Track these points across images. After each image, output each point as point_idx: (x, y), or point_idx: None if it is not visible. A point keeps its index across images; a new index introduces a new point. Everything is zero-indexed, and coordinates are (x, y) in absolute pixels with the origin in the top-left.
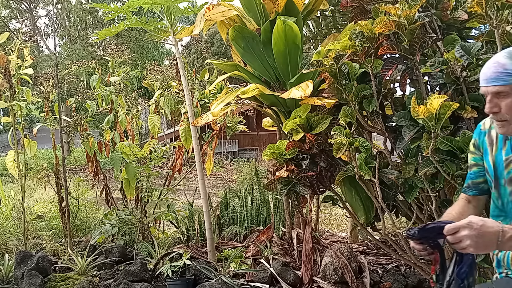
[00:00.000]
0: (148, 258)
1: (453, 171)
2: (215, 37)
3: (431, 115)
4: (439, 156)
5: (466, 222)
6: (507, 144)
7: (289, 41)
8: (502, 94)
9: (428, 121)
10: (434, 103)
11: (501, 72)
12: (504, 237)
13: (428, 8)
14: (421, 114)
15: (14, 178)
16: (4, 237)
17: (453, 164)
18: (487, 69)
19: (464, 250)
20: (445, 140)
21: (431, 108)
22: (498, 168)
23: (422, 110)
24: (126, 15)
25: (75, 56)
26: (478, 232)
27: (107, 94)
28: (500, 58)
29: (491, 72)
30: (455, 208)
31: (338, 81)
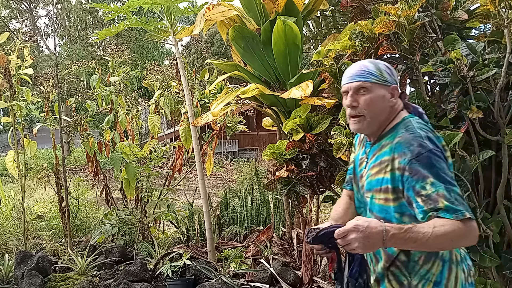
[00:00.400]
0: (148, 258)
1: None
2: (215, 37)
3: None
4: None
5: (353, 226)
6: (364, 147)
7: (289, 41)
8: (363, 90)
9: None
10: None
11: (364, 71)
12: (387, 236)
13: (428, 8)
14: None
15: (14, 178)
16: (4, 237)
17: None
18: (352, 69)
19: (353, 251)
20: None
21: None
22: (356, 166)
23: None
24: (126, 15)
25: (75, 56)
26: (364, 234)
27: (107, 94)
28: (364, 62)
29: (355, 70)
30: (340, 205)
31: (338, 81)
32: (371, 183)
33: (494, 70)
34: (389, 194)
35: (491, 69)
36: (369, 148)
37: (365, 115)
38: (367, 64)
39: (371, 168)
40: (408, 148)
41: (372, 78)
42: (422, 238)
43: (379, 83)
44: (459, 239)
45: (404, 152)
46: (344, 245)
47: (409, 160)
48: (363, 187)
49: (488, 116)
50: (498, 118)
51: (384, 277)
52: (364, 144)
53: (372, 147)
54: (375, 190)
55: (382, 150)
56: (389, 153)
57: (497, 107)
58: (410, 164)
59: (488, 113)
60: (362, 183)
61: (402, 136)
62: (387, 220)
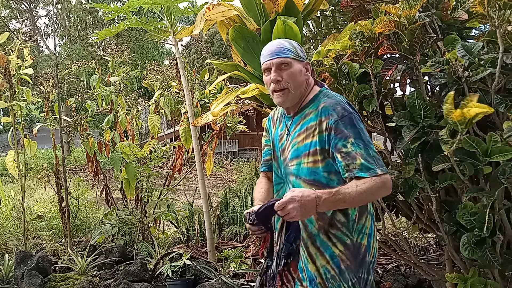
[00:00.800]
0: (148, 258)
1: (471, 172)
2: (215, 37)
3: (464, 119)
4: (459, 157)
5: (289, 197)
6: (282, 122)
7: None
8: (284, 66)
9: (458, 125)
10: (471, 111)
11: (283, 48)
12: (320, 201)
13: (429, 8)
14: (454, 117)
15: (14, 178)
16: (4, 237)
17: (471, 166)
18: (271, 46)
19: (292, 219)
20: (470, 140)
21: (466, 114)
22: (275, 143)
23: (457, 114)
24: (126, 15)
25: (75, 56)
26: (300, 202)
27: (107, 94)
28: (280, 40)
29: (275, 48)
30: (262, 186)
31: (338, 81)
32: (298, 149)
33: (489, 70)
34: (317, 156)
35: (486, 69)
36: (289, 121)
37: (288, 88)
38: (283, 42)
39: (297, 136)
40: (333, 110)
41: (290, 54)
42: (349, 197)
43: (296, 59)
44: (378, 191)
45: (331, 114)
46: (283, 215)
47: (335, 120)
48: (286, 159)
49: (487, 117)
50: (496, 118)
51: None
52: (281, 120)
53: (293, 119)
54: (303, 155)
55: (307, 118)
56: (315, 119)
57: (494, 107)
58: (336, 124)
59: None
60: (285, 156)
61: (326, 101)
62: (316, 181)
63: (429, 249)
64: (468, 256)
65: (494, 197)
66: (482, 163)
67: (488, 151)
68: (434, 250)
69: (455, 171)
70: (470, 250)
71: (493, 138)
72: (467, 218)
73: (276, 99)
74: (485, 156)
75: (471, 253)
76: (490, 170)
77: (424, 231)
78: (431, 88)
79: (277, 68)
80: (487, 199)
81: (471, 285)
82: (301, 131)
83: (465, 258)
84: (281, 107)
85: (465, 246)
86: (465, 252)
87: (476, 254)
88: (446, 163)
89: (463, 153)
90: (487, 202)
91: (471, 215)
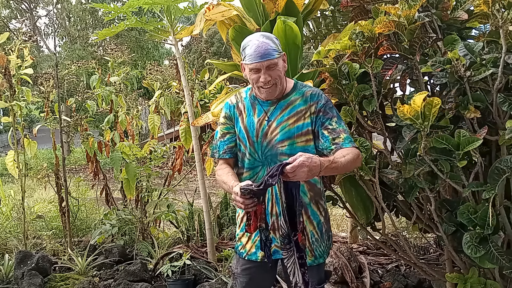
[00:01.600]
0: (148, 258)
1: (447, 169)
2: (215, 37)
3: (417, 113)
4: (433, 155)
5: (301, 161)
6: (256, 109)
7: (289, 41)
8: (272, 66)
9: (415, 120)
10: (417, 100)
11: (270, 49)
12: (322, 168)
13: (428, 8)
14: (407, 114)
15: (14, 178)
16: (4, 237)
17: (447, 162)
18: (260, 48)
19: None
20: (440, 138)
21: (415, 106)
22: (250, 129)
23: (406, 109)
24: (126, 15)
25: (75, 56)
26: (309, 167)
27: (107, 94)
28: (265, 40)
29: (264, 50)
30: (228, 171)
31: (338, 81)
32: (290, 131)
33: (491, 70)
34: (310, 135)
35: (488, 69)
36: (267, 107)
37: (276, 83)
38: (268, 42)
39: (286, 120)
40: (321, 96)
41: (276, 54)
42: (341, 165)
43: (279, 56)
44: (357, 161)
45: (319, 99)
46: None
47: (323, 104)
48: (271, 142)
49: (487, 116)
50: (496, 118)
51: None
52: (255, 107)
53: (275, 105)
54: (296, 136)
55: (294, 103)
56: (305, 104)
57: (495, 107)
58: (324, 107)
59: (487, 113)
60: (270, 138)
61: (310, 90)
62: None
63: (429, 249)
64: (471, 255)
65: (495, 191)
66: (457, 158)
67: (459, 145)
68: (434, 250)
69: (454, 170)
70: (474, 249)
71: (462, 134)
72: (467, 216)
73: (264, 94)
74: (456, 150)
75: (474, 252)
76: (465, 163)
77: (424, 231)
78: (431, 88)
79: (267, 69)
80: (488, 193)
81: (471, 285)
82: (290, 115)
83: (468, 257)
84: (268, 99)
85: (468, 244)
86: (468, 251)
87: (479, 252)
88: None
89: (436, 151)
90: (489, 195)
91: (472, 213)
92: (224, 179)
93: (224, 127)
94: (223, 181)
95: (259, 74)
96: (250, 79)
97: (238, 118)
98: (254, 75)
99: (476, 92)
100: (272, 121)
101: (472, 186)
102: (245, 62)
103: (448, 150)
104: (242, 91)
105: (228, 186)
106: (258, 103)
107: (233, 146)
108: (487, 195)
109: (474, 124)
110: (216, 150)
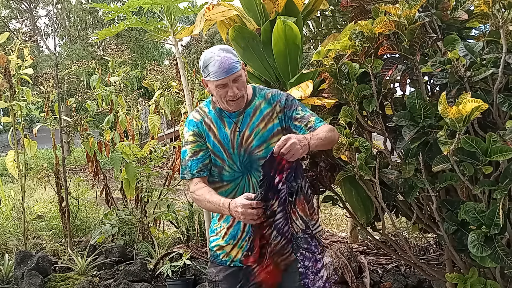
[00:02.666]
0: (148, 258)
1: (470, 172)
2: (215, 37)
3: (461, 117)
4: (459, 157)
5: (284, 138)
6: (225, 122)
7: (289, 41)
8: (237, 78)
9: (456, 122)
10: (467, 106)
11: (233, 62)
12: (309, 139)
13: (428, 8)
14: (451, 115)
15: (14, 178)
16: (4, 237)
17: (471, 165)
18: (223, 64)
19: (293, 156)
20: (470, 140)
21: (462, 111)
22: (224, 142)
23: (453, 111)
24: (126, 15)
25: (75, 56)
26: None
27: (107, 94)
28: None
29: (227, 64)
30: (210, 191)
31: (338, 81)
32: (263, 135)
33: (491, 70)
34: (281, 135)
35: (488, 69)
36: (236, 118)
37: (243, 95)
38: (229, 55)
39: (257, 125)
40: (280, 94)
41: (238, 66)
42: (324, 138)
43: (241, 67)
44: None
45: (280, 98)
46: (288, 156)
47: (285, 100)
48: (247, 149)
49: (487, 117)
50: (497, 118)
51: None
52: (223, 120)
53: (243, 114)
54: (269, 138)
55: (259, 108)
56: (269, 106)
57: (495, 107)
58: (286, 102)
59: (488, 113)
60: (246, 146)
61: (270, 92)
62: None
63: (429, 249)
64: (477, 254)
65: (507, 191)
66: (482, 163)
67: (488, 150)
68: (434, 250)
69: (455, 171)
70: (479, 248)
71: (492, 138)
72: (473, 215)
73: (233, 107)
74: (485, 156)
75: (480, 251)
76: (490, 170)
77: (424, 231)
78: (431, 88)
79: (233, 82)
80: (500, 193)
81: (471, 285)
82: (259, 120)
83: (469, 257)
84: (235, 111)
85: (473, 244)
86: (474, 250)
87: (485, 252)
88: (446, 163)
89: (462, 153)
90: (501, 195)
91: (479, 212)
92: (208, 198)
93: (194, 145)
94: (207, 200)
95: (226, 89)
96: (217, 95)
97: (209, 133)
98: (221, 90)
99: (476, 92)
100: (244, 130)
101: (484, 185)
102: (209, 79)
103: (474, 153)
104: (203, 106)
105: (218, 204)
106: (225, 115)
107: (207, 163)
108: (499, 195)
109: (475, 124)
110: (188, 171)
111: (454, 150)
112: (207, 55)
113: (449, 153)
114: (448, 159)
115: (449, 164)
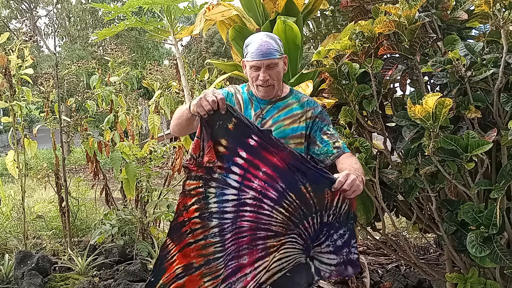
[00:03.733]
0: (148, 258)
1: (454, 170)
2: (215, 37)
3: (428, 114)
4: (440, 156)
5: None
6: (253, 104)
7: (289, 41)
8: (273, 65)
9: (426, 120)
10: (429, 101)
11: (272, 49)
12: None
13: (428, 8)
14: (418, 114)
15: (14, 178)
16: (4, 237)
17: (453, 163)
18: (262, 46)
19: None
20: (448, 139)
21: (427, 107)
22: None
23: (418, 109)
24: (126, 15)
25: (75, 56)
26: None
27: (107, 94)
28: (268, 39)
29: (266, 49)
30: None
31: (338, 81)
32: (285, 131)
33: (492, 70)
34: (302, 139)
35: (489, 69)
36: (264, 105)
37: (274, 84)
38: (271, 41)
39: (282, 120)
40: (316, 104)
41: (277, 54)
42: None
43: (281, 57)
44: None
45: (316, 106)
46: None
47: (320, 111)
48: None
49: (488, 116)
50: (497, 118)
51: None
52: (252, 102)
53: (272, 105)
54: (290, 137)
55: (290, 106)
56: (301, 108)
57: (495, 107)
58: (321, 113)
59: (488, 113)
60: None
61: (306, 97)
62: None
63: (429, 249)
64: (476, 254)
65: (504, 191)
66: (464, 160)
67: (467, 147)
68: (434, 250)
69: (460, 172)
70: (478, 248)
71: (470, 135)
72: (471, 215)
73: (261, 93)
74: (465, 152)
75: (479, 251)
76: (473, 165)
77: (424, 231)
78: (431, 88)
79: (267, 68)
80: (497, 193)
81: (471, 285)
82: (286, 117)
83: (469, 257)
84: (264, 98)
85: (472, 244)
86: (473, 250)
87: (484, 252)
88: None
89: (444, 152)
90: (498, 195)
91: (477, 212)
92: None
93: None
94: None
95: (259, 72)
96: (249, 77)
97: (240, 107)
98: (254, 73)
99: (476, 92)
100: (267, 120)
101: (481, 185)
102: (246, 59)
103: (455, 151)
104: (239, 86)
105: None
106: (255, 99)
107: None
108: (496, 194)
109: (475, 124)
110: None
111: (435, 150)
112: (251, 36)
113: (430, 154)
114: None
115: (433, 165)
